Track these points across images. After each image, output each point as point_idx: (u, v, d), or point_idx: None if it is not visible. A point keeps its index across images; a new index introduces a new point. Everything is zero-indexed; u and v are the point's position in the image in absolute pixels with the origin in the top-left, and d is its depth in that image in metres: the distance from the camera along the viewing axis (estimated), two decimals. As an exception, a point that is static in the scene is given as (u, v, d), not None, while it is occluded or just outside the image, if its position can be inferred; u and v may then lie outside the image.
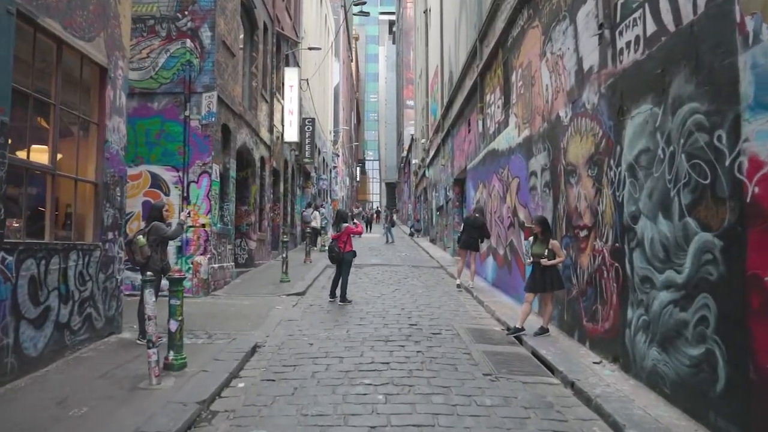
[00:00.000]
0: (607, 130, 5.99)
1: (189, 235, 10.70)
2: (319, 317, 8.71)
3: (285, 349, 6.71)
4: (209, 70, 10.98)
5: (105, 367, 5.66)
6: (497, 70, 11.54)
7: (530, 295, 7.26)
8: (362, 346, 6.79)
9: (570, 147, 7.17)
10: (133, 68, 10.90)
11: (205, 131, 10.86)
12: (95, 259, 6.58)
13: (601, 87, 6.13)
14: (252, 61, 14.72)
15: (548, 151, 8.07)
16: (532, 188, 8.90)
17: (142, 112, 10.88)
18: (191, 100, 10.92)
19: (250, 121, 13.84)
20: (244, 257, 14.48)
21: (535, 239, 7.28)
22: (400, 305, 9.63)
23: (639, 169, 5.21)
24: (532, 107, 8.93)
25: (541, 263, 7.03)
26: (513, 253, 10.21)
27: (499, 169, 11.26)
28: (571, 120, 7.11)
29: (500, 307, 9.31)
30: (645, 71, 5.11)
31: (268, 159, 16.39)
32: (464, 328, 7.95)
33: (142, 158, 10.82)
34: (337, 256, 9.96)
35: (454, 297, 10.78)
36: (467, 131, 15.41)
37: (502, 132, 11.00)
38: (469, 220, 11.78)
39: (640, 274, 5.18)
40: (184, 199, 10.80)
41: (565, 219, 7.37)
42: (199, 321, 8.14)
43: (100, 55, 6.66)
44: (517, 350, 6.85)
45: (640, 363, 5.14)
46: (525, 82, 9.35)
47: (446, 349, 6.73)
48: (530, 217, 8.99)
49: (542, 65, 8.34)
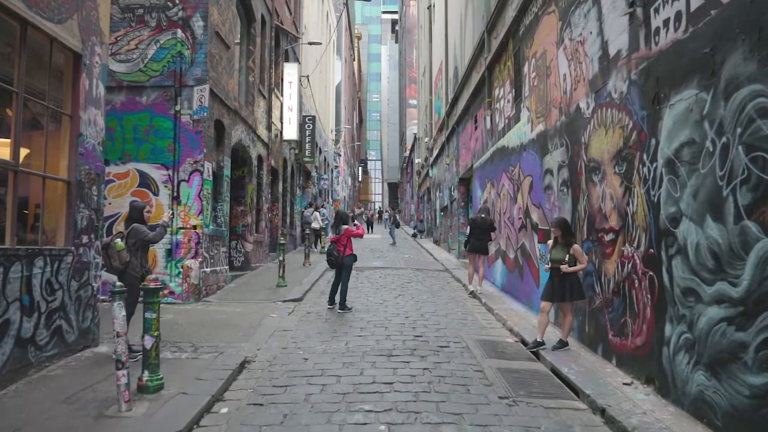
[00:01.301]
0: (638, 121, 5.32)
1: (179, 238, 10.07)
2: (316, 327, 8.05)
3: (277, 366, 6.05)
4: (201, 62, 10.33)
5: (72, 388, 5.01)
6: (507, 62, 10.87)
7: (547, 304, 6.58)
8: (362, 362, 6.12)
9: (593, 141, 6.49)
10: (121, 60, 10.28)
11: (196, 127, 10.21)
12: (67, 265, 5.93)
13: (632, 73, 5.45)
14: (249, 55, 14.06)
15: (566, 147, 7.40)
16: (547, 187, 8.23)
17: (129, 107, 10.24)
18: (182, 93, 10.27)
19: (246, 117, 13.19)
20: (240, 260, 13.82)
21: (554, 243, 6.61)
22: (404, 313, 8.96)
23: (680, 165, 4.53)
24: (547, 100, 8.26)
25: (561, 270, 6.36)
26: (525, 257, 9.53)
27: (509, 168, 10.58)
28: (594, 112, 6.44)
29: (512, 315, 8.64)
30: (688, 51, 4.43)
31: (266, 157, 15.73)
32: (474, 339, 7.28)
33: (129, 155, 10.18)
34: (336, 261, 9.30)
35: (461, 303, 10.11)
36: (474, 128, 14.74)
37: (513, 128, 10.33)
38: (476, 222, 11.11)
39: (681, 285, 4.51)
40: (174, 199, 10.16)
41: (587, 221, 6.70)
42: (186, 331, 7.50)
43: (72, 40, 6.00)
44: (535, 367, 6.17)
45: (682, 387, 4.47)
46: (539, 73, 8.68)
47: (456, 365, 6.06)
48: (545, 219, 8.33)
49: (559, 53, 7.67)
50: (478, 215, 11.33)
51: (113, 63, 10.26)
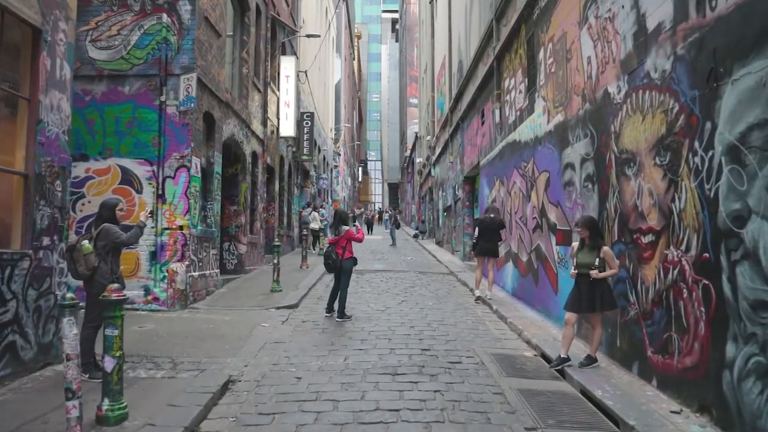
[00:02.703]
0: (687, 102, 4.53)
1: (164, 239, 9.27)
2: (311, 338, 7.26)
3: (265, 386, 5.26)
4: (189, 49, 9.54)
5: (19, 418, 4.22)
6: (519, 50, 10.08)
7: (573, 315, 5.79)
8: (363, 383, 5.33)
9: (625, 130, 5.71)
10: (102, 47, 9.50)
11: (183, 119, 9.42)
12: (22, 271, 5.14)
13: (678, 47, 4.67)
14: (243, 46, 13.28)
15: (591, 138, 6.61)
16: (568, 183, 7.44)
17: (111, 98, 9.44)
18: (168, 83, 9.48)
19: (239, 111, 12.40)
20: (233, 263, 13.03)
21: (580, 246, 5.82)
22: (409, 322, 8.17)
23: (748, 152, 3.75)
24: (567, 87, 7.48)
25: (591, 276, 5.57)
26: (540, 261, 8.74)
27: (522, 163, 9.79)
28: (627, 96, 5.65)
29: (527, 324, 7.85)
30: (757, 14, 3.65)
31: (261, 154, 14.94)
32: (489, 354, 6.49)
33: (110, 150, 9.39)
34: (334, 264, 8.49)
35: (470, 311, 9.32)
36: (480, 123, 13.96)
37: (526, 120, 9.54)
38: (484, 223, 10.30)
39: (750, 297, 3.72)
40: (159, 198, 9.37)
41: (618, 220, 5.91)
42: (166, 343, 6.71)
43: (29, 11, 5.22)
44: (561, 387, 5.38)
45: (752, 422, 3.68)
46: (557, 59, 7.90)
47: (471, 386, 5.27)
48: (564, 218, 7.54)
49: (582, 34, 6.89)
50: (486, 215, 10.53)
51: (93, 50, 9.49)
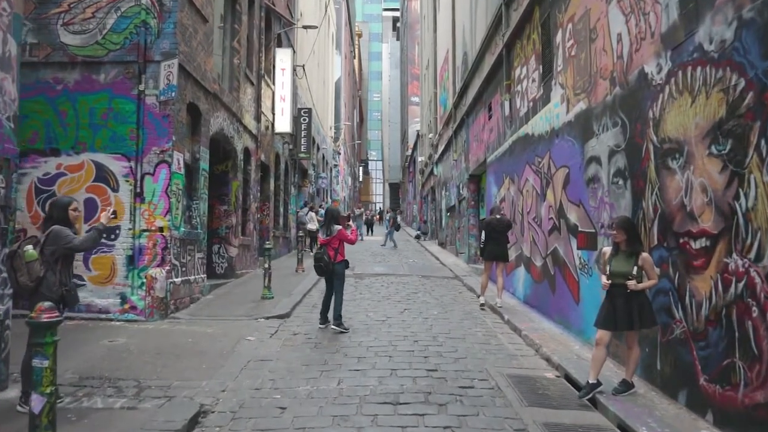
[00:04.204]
0: (758, 77, 3.68)
1: (143, 242, 8.43)
2: (302, 355, 6.40)
3: (242, 420, 4.42)
4: (170, 34, 8.69)
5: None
6: (532, 34, 9.22)
7: (606, 334, 4.92)
8: (359, 415, 4.47)
9: (668, 115, 4.85)
10: (75, 31, 8.66)
11: (163, 110, 8.57)
12: (-49, 282, 4.30)
13: (744, 10, 3.82)
14: (234, 35, 12.43)
15: (622, 127, 5.76)
16: (592, 180, 6.58)
17: (85, 86, 8.60)
18: (147, 70, 8.63)
19: (229, 103, 11.54)
20: (224, 266, 12.17)
21: (614, 251, 4.96)
22: (412, 335, 7.31)
23: None
24: (590, 71, 6.63)
25: (628, 287, 4.72)
26: (558, 266, 7.88)
27: (535, 158, 8.93)
28: (671, 74, 4.80)
29: (545, 338, 6.99)
30: None
31: (255, 151, 14.08)
32: (504, 375, 5.63)
33: (84, 144, 8.54)
34: (326, 267, 7.69)
35: (479, 320, 8.46)
36: (487, 118, 13.10)
37: (540, 111, 8.69)
38: (490, 225, 9.44)
39: None
40: (137, 196, 8.53)
41: (658, 222, 5.05)
42: (136, 362, 5.87)
43: (-39, -27, 4.39)
44: (594, 420, 4.53)
45: None
46: (578, 40, 7.04)
47: (487, 419, 4.42)
48: (587, 219, 6.69)
49: (610, 9, 6.03)
50: (492, 217, 9.67)
51: (65, 35, 8.65)
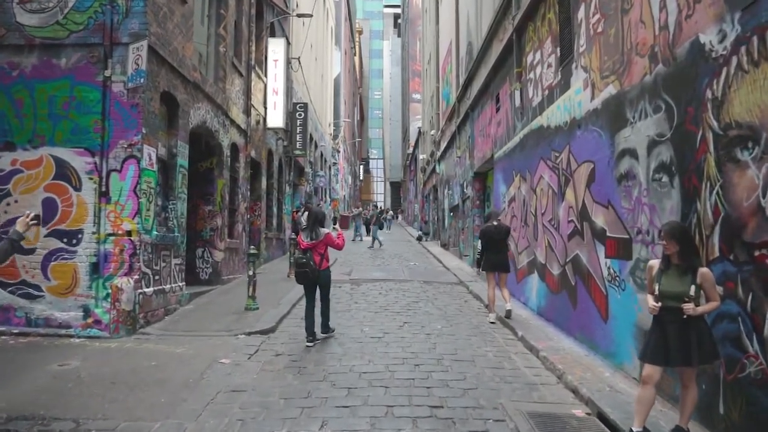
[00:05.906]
0: None
1: (108, 248, 7.45)
2: (282, 384, 5.41)
3: (193, 485, 3.44)
4: (140, 13, 7.72)
5: None
6: (548, 13, 8.22)
7: (656, 370, 3.92)
8: (345, 479, 3.49)
9: (736, 95, 3.85)
10: (32, 10, 7.72)
11: (132, 98, 7.60)
12: None
13: None
14: (219, 20, 11.44)
15: (667, 111, 4.76)
16: (625, 176, 5.58)
17: (43, 72, 7.65)
18: (114, 54, 7.67)
19: (212, 94, 10.55)
20: (208, 272, 11.19)
21: (665, 266, 3.96)
22: (412, 357, 6.32)
23: None
24: (623, 48, 5.62)
25: (685, 311, 3.72)
26: (579, 276, 6.88)
27: (552, 153, 7.94)
28: (739, 43, 3.80)
29: (568, 362, 5.98)
30: None
31: (243, 147, 13.09)
32: (524, 414, 4.63)
33: (43, 137, 7.60)
34: (312, 273, 6.84)
35: (488, 337, 7.46)
36: (494, 110, 12.09)
37: (558, 99, 7.69)
38: (488, 232, 8.43)
39: None
40: (103, 196, 7.56)
41: (720, 228, 4.05)
42: (82, 393, 4.91)
43: None
44: (646, 484, 3.54)
45: None
46: (607, 13, 6.04)
47: (509, 485, 3.43)
48: (619, 223, 5.69)
49: (650, -29, 5.03)
50: (489, 224, 8.66)
51: (22, 14, 7.72)
